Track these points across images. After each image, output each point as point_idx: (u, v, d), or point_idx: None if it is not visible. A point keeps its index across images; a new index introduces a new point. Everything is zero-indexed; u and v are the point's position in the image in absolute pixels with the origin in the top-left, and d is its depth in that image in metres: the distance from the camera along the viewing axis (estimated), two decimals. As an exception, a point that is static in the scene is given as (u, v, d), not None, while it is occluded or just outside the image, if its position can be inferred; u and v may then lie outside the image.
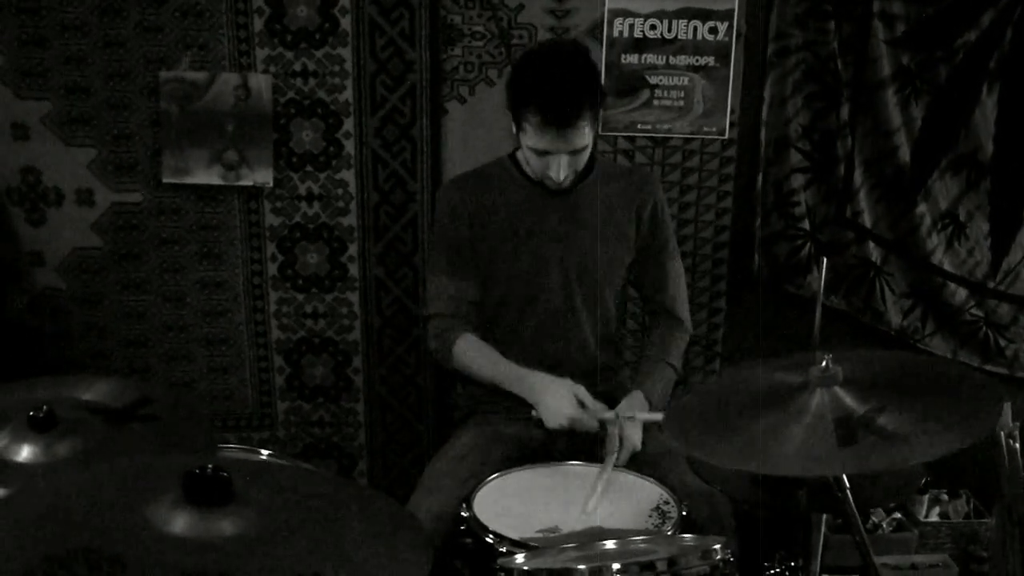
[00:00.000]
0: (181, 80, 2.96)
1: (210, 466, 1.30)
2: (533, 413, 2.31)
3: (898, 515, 3.18)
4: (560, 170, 2.31)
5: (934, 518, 3.19)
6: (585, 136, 2.28)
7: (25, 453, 1.64)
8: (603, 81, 2.89)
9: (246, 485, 1.34)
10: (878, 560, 1.81)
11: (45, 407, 1.67)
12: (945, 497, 3.25)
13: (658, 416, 2.24)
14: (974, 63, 3.09)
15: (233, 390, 3.26)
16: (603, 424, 2.29)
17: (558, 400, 2.26)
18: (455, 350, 2.43)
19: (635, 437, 2.31)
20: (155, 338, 3.18)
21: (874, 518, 3.15)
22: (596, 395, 2.32)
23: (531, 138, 2.29)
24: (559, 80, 2.23)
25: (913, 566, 3.07)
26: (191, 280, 3.15)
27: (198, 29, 2.94)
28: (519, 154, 2.48)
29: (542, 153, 2.30)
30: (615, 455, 2.23)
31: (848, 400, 1.61)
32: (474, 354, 2.43)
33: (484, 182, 2.49)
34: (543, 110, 2.23)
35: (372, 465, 3.34)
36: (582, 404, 2.26)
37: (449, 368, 2.50)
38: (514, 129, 2.37)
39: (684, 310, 2.61)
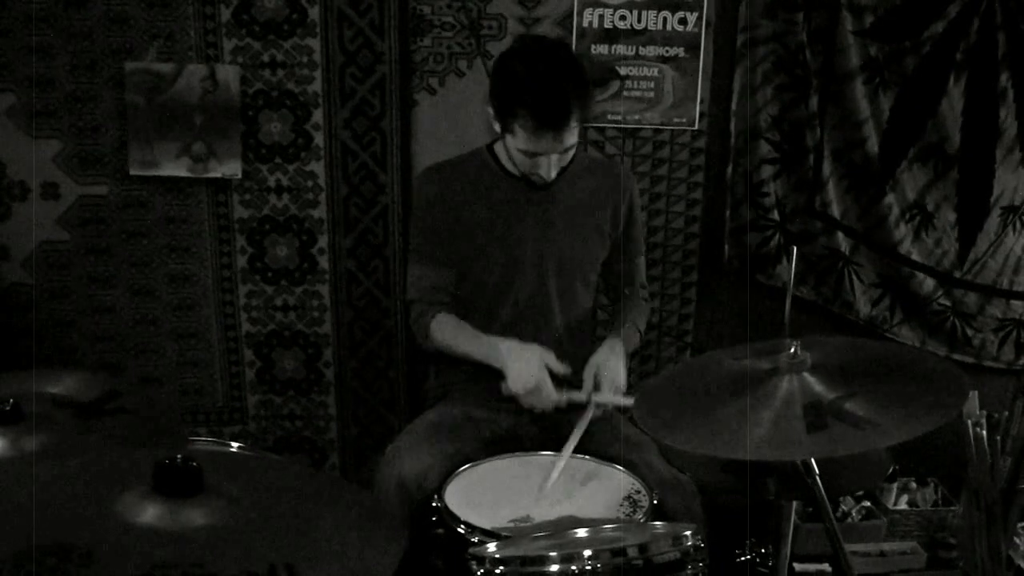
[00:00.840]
0: (148, 71, 2.93)
1: (180, 457, 1.30)
2: (503, 386, 2.29)
3: (867, 503, 3.21)
4: (551, 169, 2.31)
5: (903, 506, 3.22)
6: (575, 133, 2.27)
7: (-8, 447, 1.63)
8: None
9: (217, 476, 1.33)
10: (848, 548, 1.82)
11: (11, 401, 1.66)
12: (914, 485, 3.28)
13: (623, 401, 2.30)
14: (941, 54, 3.12)
15: (203, 384, 3.23)
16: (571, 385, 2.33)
17: (525, 363, 2.27)
18: (432, 328, 2.45)
19: (617, 375, 2.34)
20: (124, 332, 3.16)
21: (843, 506, 3.18)
22: (568, 384, 2.33)
23: (521, 141, 2.25)
24: (551, 82, 2.17)
25: (882, 553, 3.10)
26: (160, 273, 3.12)
27: (165, 19, 2.91)
28: (497, 146, 2.48)
29: (532, 154, 2.28)
30: (592, 406, 2.28)
31: (817, 386, 1.63)
32: (450, 329, 2.45)
33: (460, 173, 2.49)
34: (537, 114, 2.18)
35: (344, 458, 3.33)
36: (550, 372, 2.27)
37: (428, 348, 2.51)
38: (497, 128, 2.32)
39: (646, 292, 2.67)
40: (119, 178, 3.02)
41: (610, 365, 2.34)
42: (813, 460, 1.65)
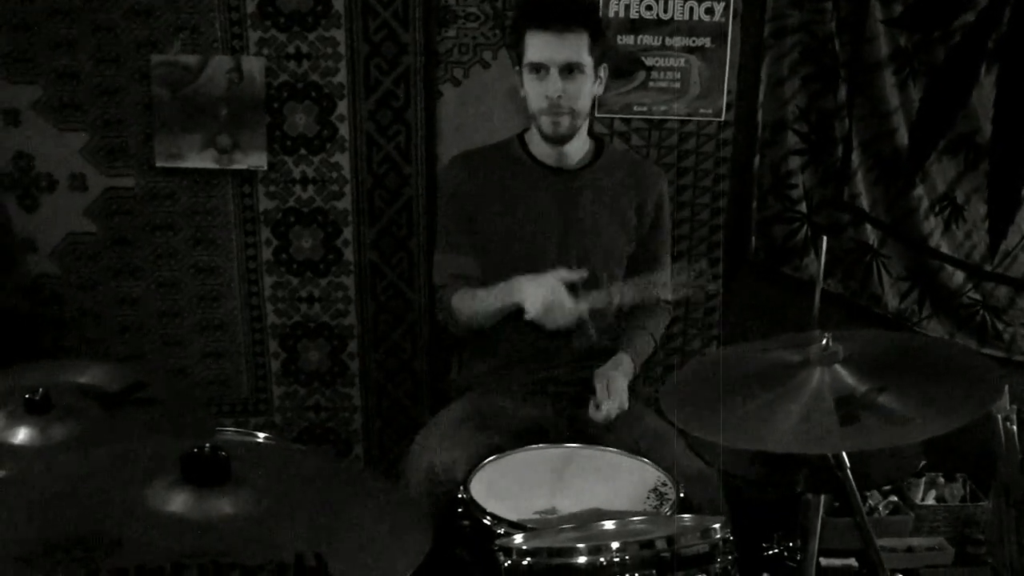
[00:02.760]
0: (173, 64, 2.94)
1: (207, 446, 1.30)
2: (525, 315, 2.28)
3: (894, 498, 3.18)
4: (554, 88, 2.33)
5: (930, 501, 3.19)
6: (580, 52, 2.32)
7: (21, 436, 1.66)
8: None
9: (244, 465, 1.33)
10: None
11: (41, 390, 1.67)
12: (942, 480, 3.26)
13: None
14: (972, 44, 3.08)
15: (228, 375, 3.24)
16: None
17: (539, 283, 2.27)
18: (454, 304, 2.47)
19: (622, 394, 2.36)
20: (150, 324, 3.17)
21: (871, 501, 3.15)
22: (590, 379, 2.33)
23: (528, 54, 2.34)
24: None
25: (909, 549, 3.07)
26: (185, 265, 3.13)
27: (190, 12, 2.92)
28: (527, 135, 2.50)
29: (538, 70, 2.33)
30: (603, 409, 2.29)
31: (848, 379, 1.61)
32: (469, 295, 2.46)
33: (488, 161, 2.50)
34: (540, 15, 2.33)
35: (368, 450, 3.34)
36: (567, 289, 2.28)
37: (457, 328, 2.53)
38: (517, 69, 2.42)
39: (668, 293, 2.66)
40: (145, 170, 3.02)
41: (617, 385, 2.36)
42: (844, 454, 1.63)
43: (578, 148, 2.48)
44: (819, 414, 1.53)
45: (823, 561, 2.93)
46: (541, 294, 2.24)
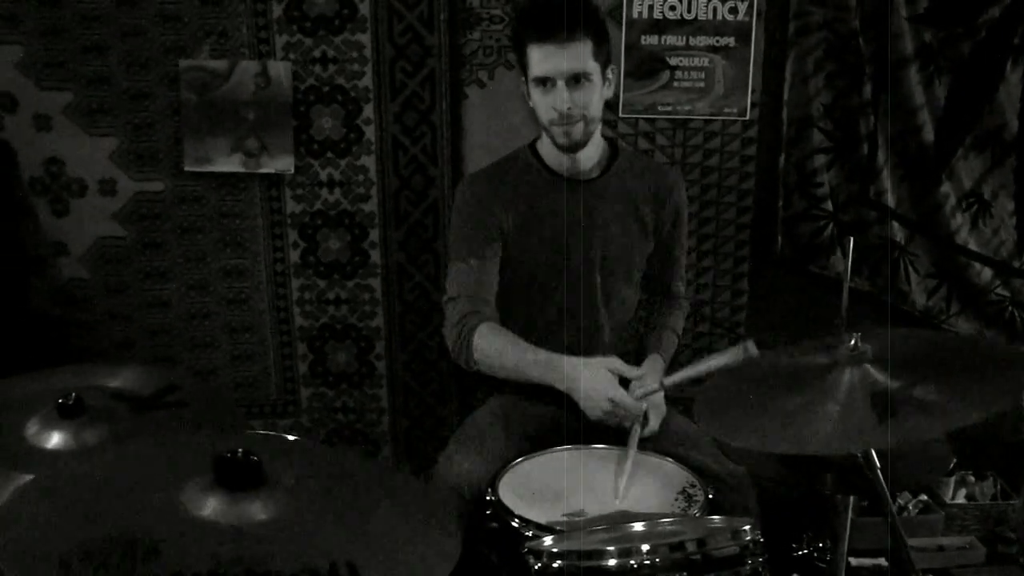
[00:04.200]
0: (201, 68, 2.97)
1: (240, 450, 1.31)
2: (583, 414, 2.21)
3: (924, 497, 3.16)
4: (561, 100, 2.29)
5: (961, 500, 3.17)
6: (585, 61, 2.27)
7: (55, 440, 1.67)
8: (622, 62, 3.00)
9: (276, 468, 1.35)
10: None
11: (73, 394, 1.69)
12: (972, 479, 3.23)
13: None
14: (998, 39, 3.06)
15: (257, 377, 3.27)
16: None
17: (595, 382, 2.19)
18: (475, 339, 2.31)
19: (661, 404, 2.35)
20: (179, 326, 3.20)
21: (900, 500, 3.14)
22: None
23: (533, 68, 2.30)
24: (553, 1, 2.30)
25: (940, 548, 3.05)
26: (214, 268, 3.16)
27: (217, 17, 2.94)
28: (539, 144, 2.48)
29: (544, 82, 2.30)
30: (638, 429, 2.24)
31: (879, 377, 1.61)
32: (497, 342, 2.31)
33: (502, 175, 2.48)
34: (539, 27, 2.28)
35: (396, 451, 3.35)
36: (620, 381, 2.22)
37: (467, 364, 2.37)
38: (522, 79, 2.39)
39: (683, 287, 2.69)
40: (174, 174, 3.05)
41: (656, 397, 2.32)
42: (875, 453, 1.63)
43: (592, 153, 2.46)
44: (855, 413, 1.53)
45: (853, 561, 2.92)
46: (600, 401, 2.17)
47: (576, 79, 2.28)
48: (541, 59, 2.28)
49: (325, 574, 1.20)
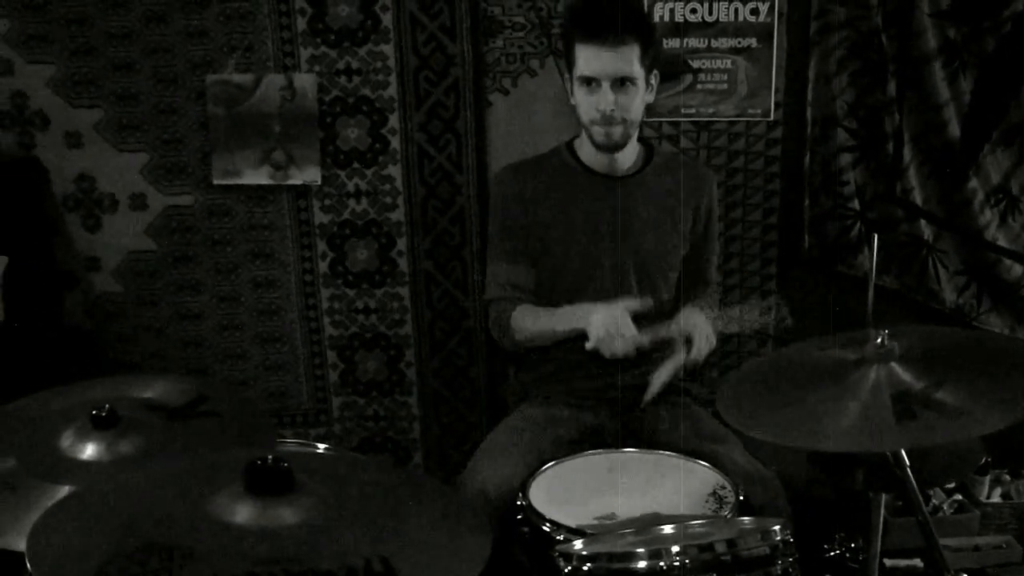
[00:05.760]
0: (227, 83, 3.00)
1: (271, 457, 1.33)
2: (587, 344, 2.28)
3: (959, 496, 3.13)
4: (606, 101, 2.31)
5: (996, 499, 3.14)
6: (631, 65, 2.29)
7: (89, 451, 1.68)
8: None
9: (306, 476, 1.36)
10: (940, 542, 1.79)
11: (107, 406, 1.71)
12: (1007, 477, 3.20)
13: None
14: (1023, 33, 3.04)
15: (288, 387, 3.29)
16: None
17: (606, 310, 2.28)
18: (513, 322, 2.45)
19: (710, 334, 2.35)
20: (211, 338, 3.23)
21: (935, 500, 3.11)
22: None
23: (581, 66, 2.32)
24: (607, 2, 2.31)
25: (976, 548, 3.02)
26: (244, 280, 3.19)
27: (242, 32, 2.98)
28: (576, 142, 2.51)
29: (589, 83, 2.32)
30: (680, 352, 2.29)
31: (905, 376, 1.60)
32: (530, 315, 2.45)
33: (539, 171, 2.51)
34: (589, 27, 2.30)
35: (427, 458, 3.37)
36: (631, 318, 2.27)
37: (509, 345, 2.52)
38: (565, 77, 2.42)
39: (714, 277, 2.72)
40: (203, 188, 3.09)
41: (699, 322, 2.34)
42: (903, 451, 1.63)
43: (629, 154, 2.49)
44: (876, 411, 1.53)
45: (887, 562, 2.90)
46: (605, 323, 2.25)
47: (621, 82, 2.30)
48: (588, 59, 2.31)
49: (360, 570, 1.22)
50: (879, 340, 1.64)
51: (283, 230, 3.15)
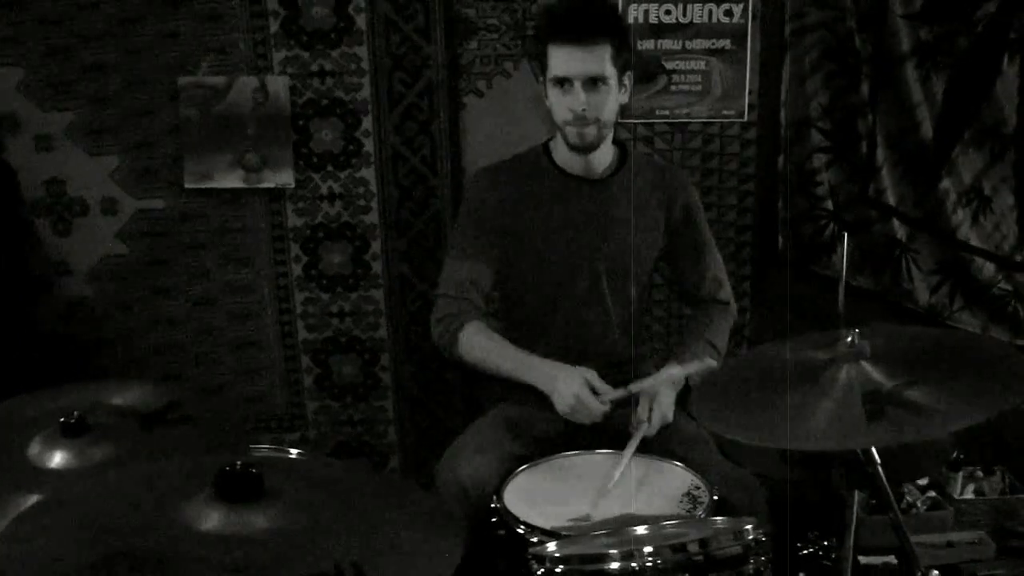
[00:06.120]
0: (200, 85, 2.98)
1: (240, 463, 1.32)
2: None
3: (932, 493, 3.15)
4: (578, 101, 2.30)
5: (969, 495, 3.16)
6: (603, 64, 2.29)
7: (57, 459, 1.66)
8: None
9: (277, 481, 1.36)
10: (914, 539, 1.79)
11: (76, 413, 1.69)
12: (980, 474, 3.22)
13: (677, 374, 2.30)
14: (994, 34, 3.05)
15: (263, 392, 3.28)
16: (629, 401, 2.30)
17: (568, 385, 2.23)
18: (461, 337, 2.39)
19: (666, 407, 2.32)
20: (185, 343, 3.21)
21: (908, 497, 3.12)
22: (624, 383, 2.32)
23: (554, 66, 2.31)
24: (580, 4, 2.33)
25: (949, 544, 3.04)
26: (217, 284, 3.17)
27: (215, 33, 2.96)
28: (551, 144, 2.50)
29: (562, 83, 2.31)
30: (642, 428, 2.24)
31: (876, 375, 1.61)
32: (483, 341, 2.39)
33: (514, 173, 2.50)
34: (562, 28, 2.29)
35: (404, 461, 3.36)
36: (593, 390, 2.24)
37: (450, 356, 2.45)
38: (539, 79, 2.40)
39: (726, 294, 2.63)
40: (175, 191, 3.07)
41: (661, 399, 2.32)
42: (874, 449, 1.63)
43: (603, 156, 2.48)
44: (847, 411, 1.53)
45: (862, 559, 2.91)
46: (567, 399, 2.22)
47: (593, 82, 2.30)
48: (560, 59, 2.30)
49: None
50: (849, 340, 1.65)
51: (256, 234, 3.13)
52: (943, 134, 3.12)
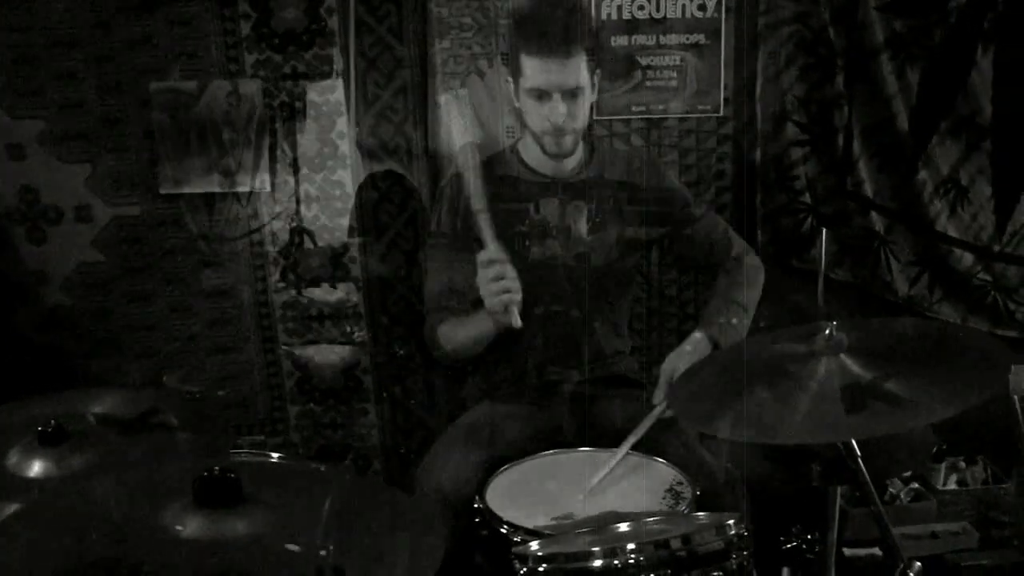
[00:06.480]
0: (173, 90, 2.96)
1: (219, 468, 1.31)
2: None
3: (916, 485, 3.16)
4: (557, 113, 2.30)
5: (952, 486, 3.17)
6: (580, 74, 2.29)
7: (36, 468, 1.66)
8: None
9: (257, 486, 1.35)
10: (898, 531, 1.80)
11: (53, 422, 1.68)
12: (962, 464, 3.24)
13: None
14: (968, 25, 3.07)
15: (244, 397, 3.26)
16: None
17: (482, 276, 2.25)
18: (440, 335, 2.47)
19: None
20: (165, 349, 3.18)
21: (892, 489, 3.14)
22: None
23: (530, 78, 2.29)
24: (552, 13, 2.29)
25: (933, 535, 3.05)
26: (196, 289, 3.15)
27: (186, 38, 2.94)
28: (520, 145, 2.49)
29: (539, 95, 2.30)
30: (657, 410, 2.27)
31: (855, 368, 1.61)
32: (453, 323, 2.46)
33: (487, 175, 2.49)
34: (538, 41, 2.26)
35: (387, 464, 3.34)
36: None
37: (442, 357, 2.54)
38: (513, 88, 2.39)
39: (738, 250, 2.66)
40: (150, 197, 3.04)
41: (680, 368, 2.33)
42: (855, 443, 1.63)
43: (576, 156, 2.49)
44: (826, 404, 1.54)
45: (847, 551, 2.92)
46: (483, 282, 2.24)
47: (572, 93, 2.29)
48: (537, 71, 2.28)
49: None
50: (827, 332, 1.65)
51: (233, 238, 3.11)
52: (919, 125, 3.13)
